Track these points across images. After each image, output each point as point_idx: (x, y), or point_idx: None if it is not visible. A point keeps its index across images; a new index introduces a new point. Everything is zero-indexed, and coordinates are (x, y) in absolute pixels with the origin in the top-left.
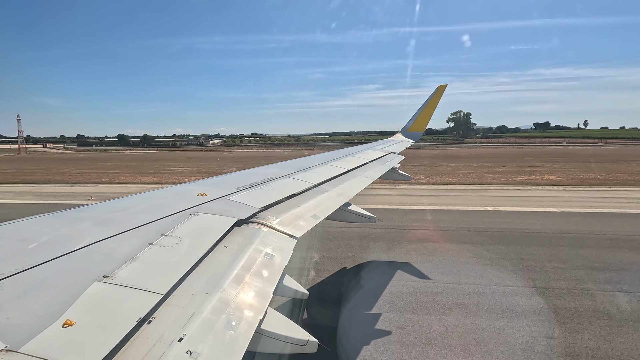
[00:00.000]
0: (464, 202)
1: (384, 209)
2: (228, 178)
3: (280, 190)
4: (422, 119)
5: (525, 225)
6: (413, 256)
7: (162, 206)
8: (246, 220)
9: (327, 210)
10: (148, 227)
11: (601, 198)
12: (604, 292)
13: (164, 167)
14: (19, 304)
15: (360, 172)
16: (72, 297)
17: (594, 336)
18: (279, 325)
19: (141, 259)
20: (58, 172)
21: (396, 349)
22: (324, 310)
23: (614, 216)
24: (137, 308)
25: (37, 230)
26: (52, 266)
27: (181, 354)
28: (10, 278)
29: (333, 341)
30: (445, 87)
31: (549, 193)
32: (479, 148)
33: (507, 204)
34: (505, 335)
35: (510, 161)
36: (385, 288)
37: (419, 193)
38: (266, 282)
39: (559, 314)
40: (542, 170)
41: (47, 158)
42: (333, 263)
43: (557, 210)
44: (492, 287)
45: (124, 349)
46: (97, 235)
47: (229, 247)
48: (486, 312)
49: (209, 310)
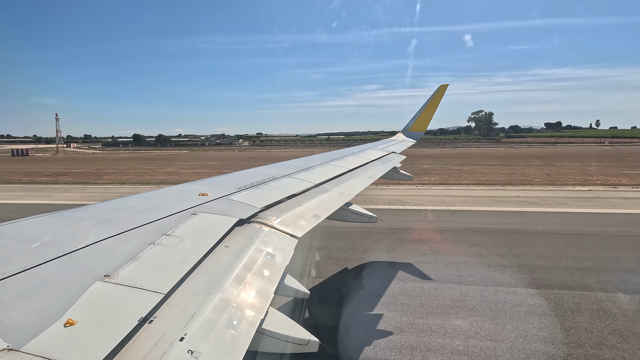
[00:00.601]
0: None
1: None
2: (229, 178)
3: (281, 189)
4: (424, 119)
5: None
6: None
7: (164, 206)
8: (247, 219)
9: (328, 210)
10: (149, 227)
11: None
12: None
13: (250, 166)
14: (21, 303)
15: (361, 171)
16: (73, 297)
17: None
18: (280, 324)
19: (142, 258)
20: (139, 172)
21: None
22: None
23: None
24: (139, 307)
25: (39, 229)
26: (53, 266)
27: (182, 353)
28: (12, 277)
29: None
30: (447, 86)
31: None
32: (525, 147)
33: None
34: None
35: (615, 161)
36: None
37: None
38: (267, 282)
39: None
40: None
41: (91, 158)
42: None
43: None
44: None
45: (126, 348)
46: (98, 234)
47: (230, 247)
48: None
49: (210, 310)
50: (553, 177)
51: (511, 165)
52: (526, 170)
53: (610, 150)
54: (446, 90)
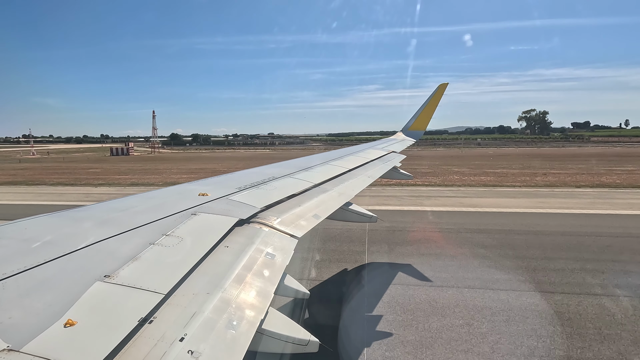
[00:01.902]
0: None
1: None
2: (229, 178)
3: (281, 189)
4: (424, 118)
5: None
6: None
7: (164, 206)
8: (247, 220)
9: (328, 210)
10: (149, 227)
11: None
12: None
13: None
14: (21, 303)
15: (361, 171)
16: (73, 297)
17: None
18: (280, 325)
19: (143, 258)
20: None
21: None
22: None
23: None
24: (139, 308)
25: (39, 230)
26: (53, 266)
27: (182, 353)
28: (12, 278)
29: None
30: (447, 85)
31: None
32: (622, 146)
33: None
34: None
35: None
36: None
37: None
38: (267, 282)
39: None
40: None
41: (184, 158)
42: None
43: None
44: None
45: (126, 349)
46: (98, 235)
47: (230, 247)
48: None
49: (210, 310)
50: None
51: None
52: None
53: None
54: (446, 90)
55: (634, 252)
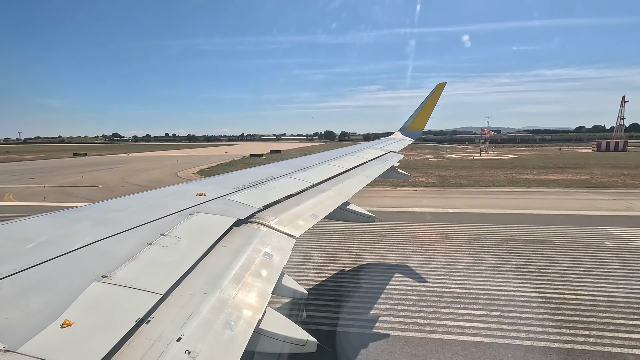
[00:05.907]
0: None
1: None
2: (227, 178)
3: (279, 189)
4: (422, 117)
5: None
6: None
7: (161, 206)
8: (245, 220)
9: (326, 210)
10: (147, 227)
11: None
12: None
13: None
14: (18, 304)
15: (359, 171)
16: (70, 297)
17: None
18: (278, 325)
19: (140, 258)
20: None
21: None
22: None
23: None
24: (136, 308)
25: (36, 230)
26: (50, 266)
27: (180, 353)
28: (8, 278)
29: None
30: (445, 85)
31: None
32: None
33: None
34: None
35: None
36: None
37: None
38: (265, 282)
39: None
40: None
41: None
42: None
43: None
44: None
45: (123, 349)
46: (96, 235)
47: (228, 247)
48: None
49: (207, 310)
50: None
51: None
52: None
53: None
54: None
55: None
